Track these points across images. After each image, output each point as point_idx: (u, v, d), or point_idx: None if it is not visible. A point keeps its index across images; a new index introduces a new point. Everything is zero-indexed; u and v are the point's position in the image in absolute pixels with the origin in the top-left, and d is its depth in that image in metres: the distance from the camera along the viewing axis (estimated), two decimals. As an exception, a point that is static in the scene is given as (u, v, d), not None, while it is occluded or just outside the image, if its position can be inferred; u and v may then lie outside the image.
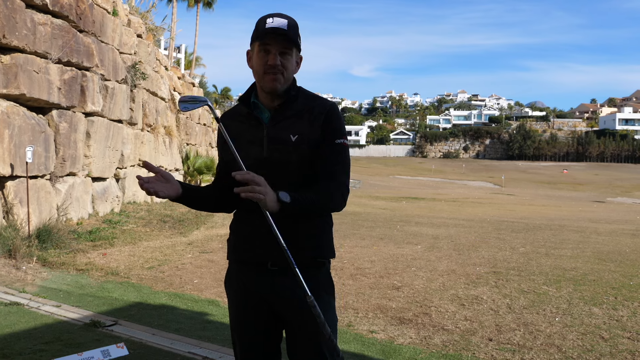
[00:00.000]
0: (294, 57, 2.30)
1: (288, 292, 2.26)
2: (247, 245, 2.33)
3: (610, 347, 4.87)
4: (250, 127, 2.31)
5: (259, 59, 2.26)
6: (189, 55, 53.87)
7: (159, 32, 20.52)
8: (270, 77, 2.23)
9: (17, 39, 8.26)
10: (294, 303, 2.26)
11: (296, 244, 2.19)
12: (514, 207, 25.93)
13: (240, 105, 2.38)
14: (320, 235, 2.34)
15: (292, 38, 2.23)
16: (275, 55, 2.23)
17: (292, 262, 2.11)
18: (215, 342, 4.76)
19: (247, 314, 2.35)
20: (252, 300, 2.33)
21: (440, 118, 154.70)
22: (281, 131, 2.27)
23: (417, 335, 5.18)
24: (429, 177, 71.58)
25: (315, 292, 2.17)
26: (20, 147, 8.33)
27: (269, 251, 2.23)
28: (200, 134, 23.96)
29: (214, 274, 7.66)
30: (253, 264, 2.32)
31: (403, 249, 10.10)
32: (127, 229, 10.87)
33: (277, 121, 2.29)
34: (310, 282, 2.17)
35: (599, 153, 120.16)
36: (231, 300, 2.43)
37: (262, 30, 2.22)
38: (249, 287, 2.34)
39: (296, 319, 2.29)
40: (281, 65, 2.23)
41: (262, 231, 2.18)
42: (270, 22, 2.21)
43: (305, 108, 2.32)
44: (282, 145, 2.25)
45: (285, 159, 2.25)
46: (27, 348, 4.39)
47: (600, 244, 11.55)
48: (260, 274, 2.31)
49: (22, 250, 7.47)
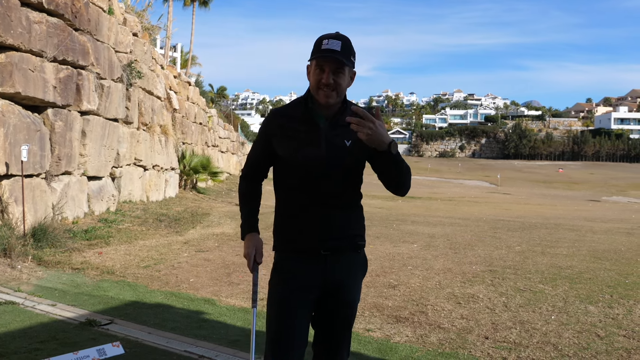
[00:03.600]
0: (347, 74, 2.54)
1: (334, 273, 2.58)
2: (300, 235, 2.58)
3: (606, 345, 4.89)
4: (308, 129, 2.55)
5: (315, 75, 2.51)
6: (185, 54, 53.74)
7: (155, 31, 20.47)
8: (323, 93, 2.50)
9: (12, 37, 8.22)
10: (338, 281, 2.59)
11: (345, 233, 2.60)
12: (510, 206, 25.97)
13: (296, 107, 2.61)
14: (363, 223, 2.73)
15: (344, 59, 2.47)
16: (329, 74, 2.48)
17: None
18: (211, 341, 4.75)
19: (292, 299, 2.56)
20: (299, 284, 2.57)
21: (436, 117, 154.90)
22: (337, 136, 2.54)
23: (413, 333, 5.18)
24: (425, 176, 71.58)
25: (355, 273, 2.68)
26: (15, 146, 8.30)
27: (320, 240, 2.55)
28: (196, 133, 23.92)
29: (210, 273, 7.66)
30: (304, 252, 2.58)
31: (399, 248, 10.11)
32: (122, 228, 10.85)
33: (333, 127, 2.56)
34: (354, 264, 2.67)
35: (594, 152, 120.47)
36: (276, 287, 2.63)
37: (318, 50, 2.49)
38: (298, 273, 2.58)
39: (335, 294, 2.61)
40: (334, 82, 2.49)
41: (313, 223, 2.55)
42: (326, 44, 2.48)
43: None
44: (337, 149, 2.54)
45: (340, 162, 2.54)
46: (23, 347, 4.37)
47: (596, 243, 11.59)
48: (311, 260, 2.58)
49: (18, 249, 7.44)
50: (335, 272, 2.59)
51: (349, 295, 2.65)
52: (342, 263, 2.60)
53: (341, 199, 2.59)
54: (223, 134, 32.58)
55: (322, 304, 2.64)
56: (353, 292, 2.67)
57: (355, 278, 2.68)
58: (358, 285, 2.71)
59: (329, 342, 2.69)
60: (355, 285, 2.69)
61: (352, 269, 2.66)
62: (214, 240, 10.61)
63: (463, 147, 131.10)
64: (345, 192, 2.61)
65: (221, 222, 13.40)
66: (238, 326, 5.27)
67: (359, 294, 2.73)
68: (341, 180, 2.57)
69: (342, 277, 2.61)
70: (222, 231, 11.88)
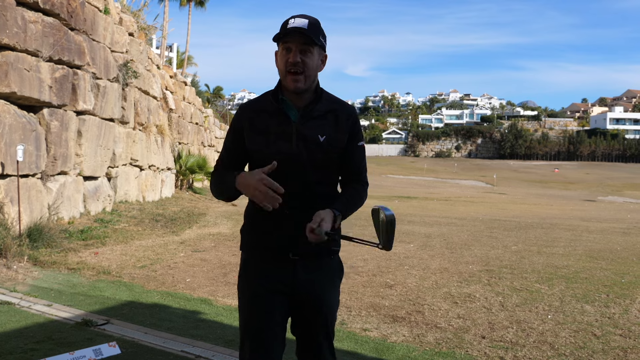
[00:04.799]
0: (317, 56, 2.40)
1: (306, 279, 2.44)
2: (269, 236, 2.43)
3: (602, 344, 4.89)
4: (279, 123, 2.40)
5: (281, 57, 2.38)
6: (181, 54, 53.66)
7: (151, 31, 20.43)
8: (291, 77, 2.35)
9: (8, 37, 8.20)
10: (310, 288, 2.45)
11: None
12: (506, 205, 26.01)
13: (266, 100, 2.46)
14: (338, 228, 2.51)
15: (312, 36, 2.33)
16: (296, 52, 2.34)
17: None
18: (208, 341, 4.74)
19: (262, 301, 2.43)
20: (269, 287, 2.43)
21: (432, 117, 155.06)
22: (310, 130, 2.40)
23: (410, 333, 5.18)
24: (421, 176, 71.69)
25: (330, 279, 2.52)
26: (11, 146, 8.27)
27: (290, 242, 2.40)
28: (192, 133, 23.89)
29: (206, 273, 7.64)
30: (274, 255, 2.44)
31: (396, 248, 10.11)
32: (118, 228, 10.82)
33: (306, 120, 2.41)
34: (328, 269, 2.51)
35: (590, 152, 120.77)
36: (245, 289, 2.51)
37: (284, 30, 2.35)
38: (267, 276, 2.44)
39: (308, 301, 2.46)
40: (302, 62, 2.34)
41: (284, 223, 2.39)
42: (292, 23, 2.34)
43: (329, 110, 2.46)
44: (310, 144, 2.39)
45: (312, 157, 2.39)
46: (18, 347, 4.35)
47: (592, 242, 11.61)
48: (280, 263, 2.44)
49: (13, 250, 7.41)
50: (306, 278, 2.43)
51: (323, 303, 2.49)
52: (314, 269, 2.45)
53: (314, 199, 2.41)
54: (219, 134, 32.54)
55: (297, 312, 2.50)
56: (328, 300, 2.51)
57: (329, 285, 2.52)
58: (334, 292, 2.55)
59: (310, 351, 2.55)
60: (330, 292, 2.52)
61: (326, 276, 2.50)
62: (210, 240, 10.59)
63: (459, 147, 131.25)
64: (318, 192, 2.43)
65: (217, 222, 13.38)
66: (235, 326, 5.26)
67: (335, 300, 2.57)
68: (314, 178, 2.41)
69: (314, 284, 2.45)
70: (219, 231, 11.87)
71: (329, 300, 2.51)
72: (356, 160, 2.55)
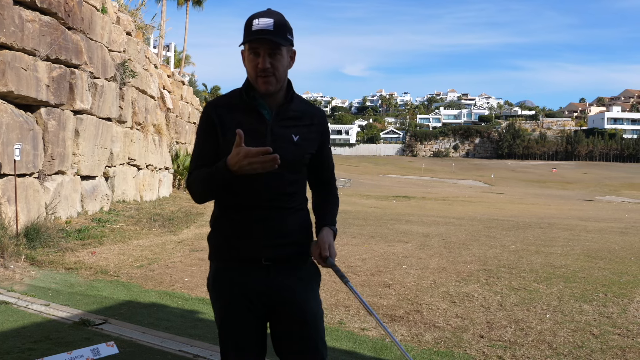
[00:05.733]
0: (285, 55, 2.27)
1: (282, 286, 2.30)
2: (238, 241, 2.29)
3: (600, 343, 4.89)
4: (253, 121, 2.28)
5: (250, 61, 2.25)
6: (179, 53, 53.68)
7: (149, 30, 20.41)
8: (262, 80, 2.23)
9: (5, 36, 8.17)
10: (287, 296, 2.30)
11: (291, 238, 2.33)
12: (504, 205, 26.03)
13: (236, 97, 2.34)
14: (311, 229, 2.45)
15: (279, 39, 2.20)
16: (265, 58, 2.21)
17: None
18: (206, 340, 4.72)
19: (239, 312, 2.30)
20: (243, 297, 2.30)
21: (430, 117, 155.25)
22: (284, 129, 2.31)
23: (408, 332, 5.18)
24: (419, 176, 71.74)
25: (307, 283, 2.38)
26: (8, 145, 8.24)
27: (263, 246, 2.27)
28: (189, 133, 23.86)
29: (204, 273, 7.62)
30: (246, 261, 2.30)
31: (394, 247, 10.10)
32: (116, 228, 10.80)
33: (280, 119, 2.31)
34: (303, 274, 2.37)
35: (587, 152, 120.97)
36: (219, 300, 2.36)
37: (249, 34, 2.21)
38: (240, 285, 2.30)
39: (288, 312, 2.31)
40: (271, 67, 2.22)
41: (254, 227, 2.27)
42: (257, 24, 2.19)
43: (303, 111, 2.39)
44: (285, 143, 2.28)
45: (286, 157, 2.24)
46: (16, 347, 4.34)
47: (590, 242, 11.62)
48: (253, 270, 2.30)
49: (10, 249, 7.39)
50: (280, 284, 2.30)
51: (307, 311, 2.32)
52: (288, 274, 2.32)
53: (287, 200, 2.32)
54: (217, 133, 32.44)
55: (275, 324, 2.36)
56: (311, 307, 2.33)
57: (307, 291, 2.36)
58: (313, 298, 2.38)
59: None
60: (308, 295, 2.35)
61: (302, 281, 2.35)
62: (208, 239, 10.57)
63: (457, 147, 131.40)
64: (291, 192, 2.34)
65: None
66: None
67: (317, 306, 2.39)
68: (288, 178, 2.31)
69: (290, 290, 2.30)
70: (217, 231, 11.84)
71: (311, 307, 2.34)
72: (328, 160, 2.54)
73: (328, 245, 2.34)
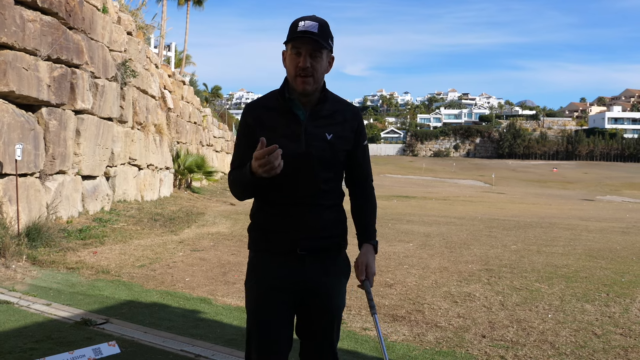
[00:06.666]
0: (325, 59, 2.42)
1: (313, 276, 2.45)
2: (275, 234, 2.45)
3: (603, 343, 4.89)
4: (288, 122, 2.42)
5: (291, 60, 2.39)
6: (179, 53, 53.71)
7: (149, 30, 20.39)
8: (300, 80, 2.37)
9: (6, 36, 8.17)
10: (317, 286, 2.46)
11: (325, 232, 2.47)
12: (505, 205, 26.00)
13: (273, 98, 2.47)
14: (345, 222, 2.61)
15: (322, 41, 2.35)
16: (306, 57, 2.36)
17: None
18: (207, 340, 4.72)
19: (271, 299, 2.43)
20: (278, 284, 2.43)
21: (430, 117, 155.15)
22: (318, 129, 2.43)
23: (410, 332, 5.17)
24: (420, 175, 71.67)
25: (337, 276, 2.54)
26: (9, 145, 8.24)
27: (297, 239, 2.42)
28: (190, 133, 23.85)
29: (205, 272, 7.63)
30: (282, 252, 2.44)
31: (395, 247, 10.10)
32: (117, 228, 10.80)
33: (314, 119, 2.44)
34: (336, 267, 2.54)
35: (588, 152, 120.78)
36: (254, 287, 2.49)
37: (294, 33, 2.36)
38: (275, 273, 2.44)
39: (315, 300, 2.48)
40: (311, 67, 2.36)
41: (289, 221, 2.42)
42: (302, 26, 2.35)
43: (336, 110, 2.50)
44: (319, 142, 2.42)
45: (320, 155, 2.41)
46: (18, 347, 4.34)
47: (591, 242, 11.61)
48: (288, 260, 2.44)
49: (12, 249, 7.39)
50: (313, 274, 2.44)
51: (329, 301, 2.50)
52: (320, 265, 2.46)
53: (322, 196, 2.46)
54: (217, 133, 32.51)
55: (302, 310, 2.51)
56: (334, 298, 2.52)
57: (336, 282, 2.53)
58: (340, 291, 2.56)
59: (314, 352, 2.55)
60: (336, 290, 2.53)
61: (332, 272, 2.51)
62: (209, 239, 10.57)
63: (457, 147, 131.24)
64: (326, 189, 2.47)
65: (216, 222, 13.36)
66: (234, 325, 5.24)
67: (342, 300, 2.57)
68: (322, 176, 2.44)
69: (320, 280, 2.46)
70: (217, 230, 11.85)
71: (336, 299, 2.53)
72: (364, 159, 2.63)
73: (365, 266, 2.55)
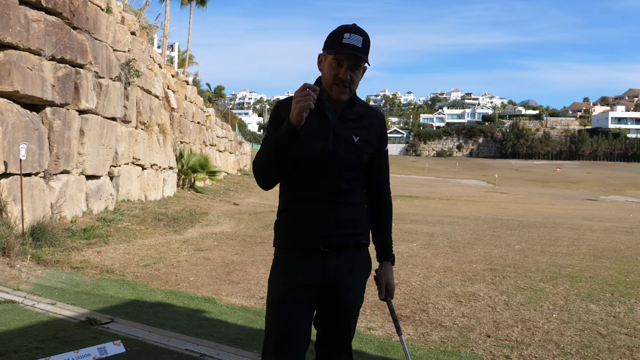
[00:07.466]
0: (362, 71, 2.49)
1: (335, 272, 2.50)
2: (300, 233, 2.50)
3: (608, 343, 4.88)
4: (318, 122, 2.46)
5: (331, 69, 2.44)
6: (183, 53, 53.73)
7: (153, 30, 20.41)
8: (337, 89, 2.44)
9: (11, 36, 8.19)
10: (338, 282, 2.52)
11: (347, 229, 2.51)
12: (508, 205, 25.97)
13: None
14: (366, 222, 2.64)
15: (364, 57, 2.40)
16: (347, 70, 2.41)
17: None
18: (212, 339, 4.73)
19: (293, 297, 2.47)
20: (301, 279, 2.48)
21: (433, 117, 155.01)
22: (346, 131, 2.50)
23: (415, 332, 5.17)
24: (423, 175, 71.63)
25: (357, 273, 2.59)
26: (14, 145, 8.26)
27: (321, 237, 2.47)
28: (194, 132, 23.88)
29: (209, 272, 7.63)
30: (306, 249, 2.50)
31: (399, 247, 10.09)
32: (121, 227, 10.82)
33: (343, 121, 2.51)
34: (358, 265, 2.59)
35: (591, 151, 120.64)
36: (277, 285, 2.53)
37: (338, 44, 2.39)
38: (300, 271, 2.49)
39: (336, 295, 2.53)
40: (350, 79, 2.43)
41: (313, 219, 2.47)
42: (347, 38, 2.38)
43: (364, 114, 2.58)
44: (346, 143, 2.49)
45: (346, 156, 2.49)
46: (23, 346, 4.34)
47: (595, 241, 11.58)
48: (312, 256, 2.49)
49: (16, 248, 7.40)
50: (335, 270, 2.50)
51: (349, 295, 2.56)
52: (342, 261, 2.52)
53: (345, 195, 2.52)
54: (221, 133, 32.52)
55: (322, 304, 2.55)
56: (353, 293, 2.58)
57: (356, 278, 2.59)
58: (360, 287, 2.61)
59: (329, 345, 2.61)
60: (356, 285, 2.59)
61: (353, 269, 2.57)
62: (213, 239, 10.58)
63: (460, 147, 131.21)
64: (349, 189, 2.53)
65: (220, 221, 13.37)
66: (239, 325, 5.25)
67: (361, 295, 2.64)
68: (346, 176, 2.50)
69: (342, 276, 2.52)
70: (221, 230, 11.86)
71: (355, 295, 2.59)
72: (385, 163, 2.71)
73: (386, 284, 2.67)
